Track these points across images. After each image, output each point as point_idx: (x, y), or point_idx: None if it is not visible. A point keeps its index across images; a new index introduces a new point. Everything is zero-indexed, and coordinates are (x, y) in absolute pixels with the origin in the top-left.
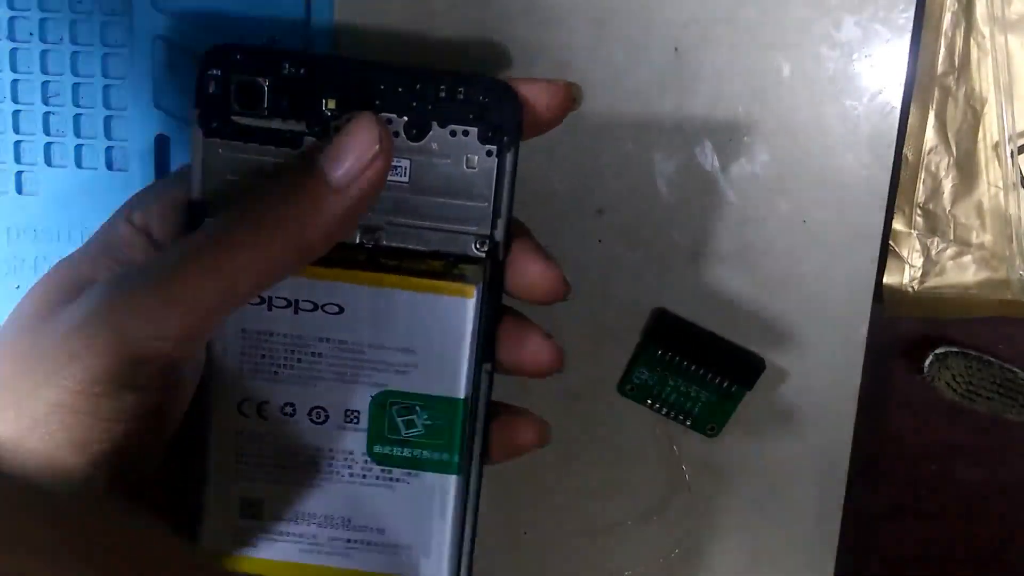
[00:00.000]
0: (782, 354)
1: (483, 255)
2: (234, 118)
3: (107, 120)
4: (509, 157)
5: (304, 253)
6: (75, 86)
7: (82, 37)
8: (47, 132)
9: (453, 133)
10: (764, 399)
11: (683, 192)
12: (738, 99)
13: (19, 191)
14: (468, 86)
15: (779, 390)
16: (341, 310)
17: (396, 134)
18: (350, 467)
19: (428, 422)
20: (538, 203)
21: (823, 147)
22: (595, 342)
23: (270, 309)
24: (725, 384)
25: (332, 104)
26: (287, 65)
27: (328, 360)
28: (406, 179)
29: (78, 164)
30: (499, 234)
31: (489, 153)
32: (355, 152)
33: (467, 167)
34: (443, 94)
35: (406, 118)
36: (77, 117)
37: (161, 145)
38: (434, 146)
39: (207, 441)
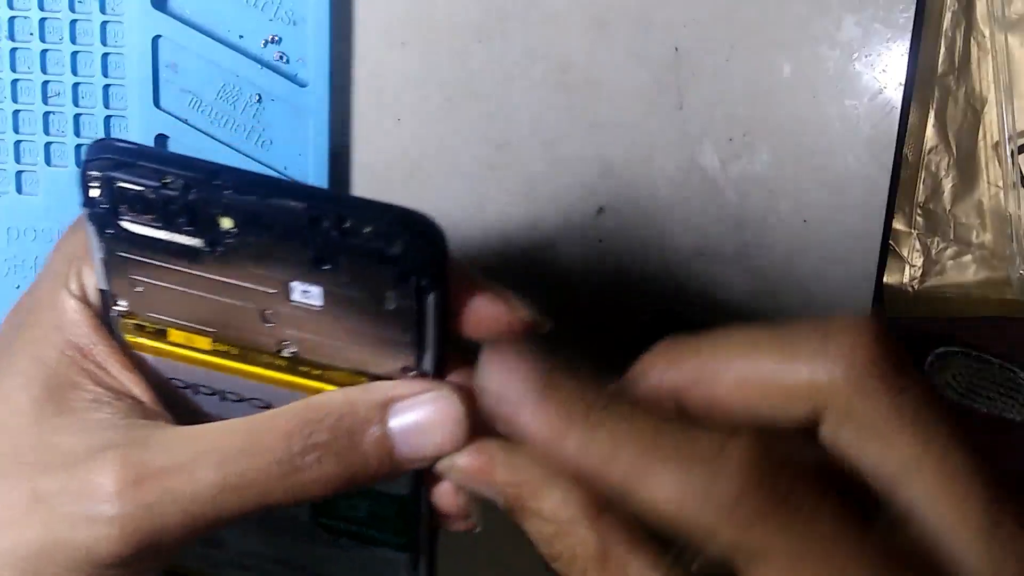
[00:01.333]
0: None
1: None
2: (122, 223)
3: (107, 120)
4: (430, 299)
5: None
6: (75, 86)
7: (82, 37)
8: (47, 132)
9: (364, 271)
10: None
11: (683, 192)
12: (738, 99)
13: (19, 191)
14: (378, 222)
15: None
16: (268, 406)
17: (300, 263)
18: (298, 529)
19: (372, 509)
20: (539, 202)
21: (823, 147)
22: (595, 342)
23: (195, 393)
24: None
25: (227, 223)
26: (171, 176)
27: None
28: (319, 303)
29: (78, 164)
30: (427, 366)
31: (405, 295)
32: (431, 445)
33: (385, 305)
34: (348, 229)
35: (309, 250)
36: (77, 117)
37: (161, 145)
38: (343, 279)
39: None
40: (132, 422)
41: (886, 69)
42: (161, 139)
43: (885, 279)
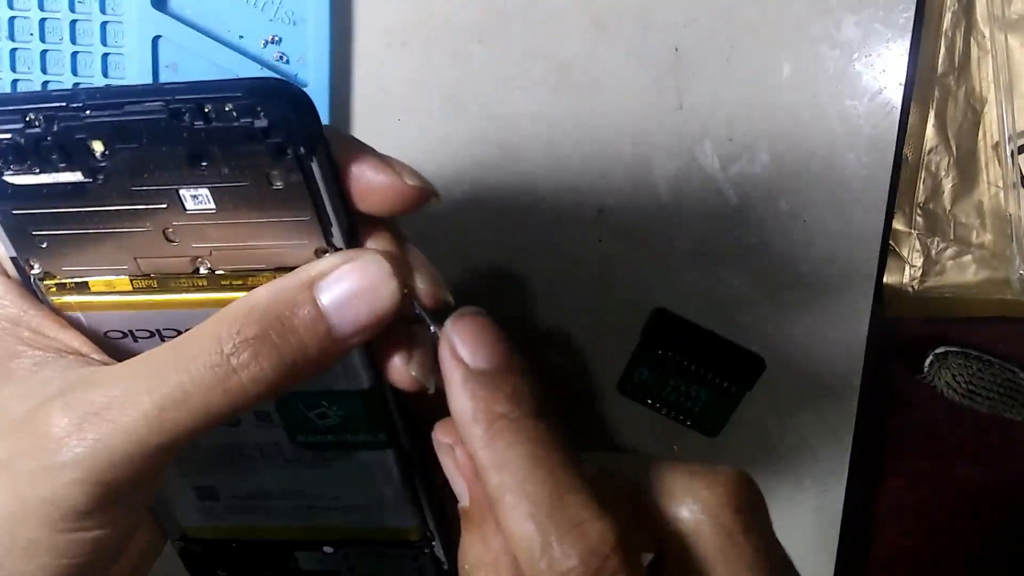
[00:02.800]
0: (782, 354)
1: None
2: (5, 178)
3: None
4: (315, 165)
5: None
6: (74, 86)
7: (82, 38)
8: None
9: (240, 155)
10: (764, 399)
11: (683, 192)
12: (738, 99)
13: None
14: (235, 99)
15: (779, 390)
16: None
17: (178, 166)
18: (282, 454)
19: (340, 412)
20: (538, 203)
21: (823, 147)
22: (595, 342)
23: (135, 341)
24: (725, 384)
25: (99, 147)
26: (31, 113)
27: None
28: (212, 206)
29: None
30: (339, 241)
31: (288, 169)
32: (367, 310)
33: (272, 185)
34: (212, 115)
35: (182, 148)
36: None
37: None
38: (225, 171)
39: None
40: (73, 372)
41: (886, 69)
42: None
43: (885, 279)
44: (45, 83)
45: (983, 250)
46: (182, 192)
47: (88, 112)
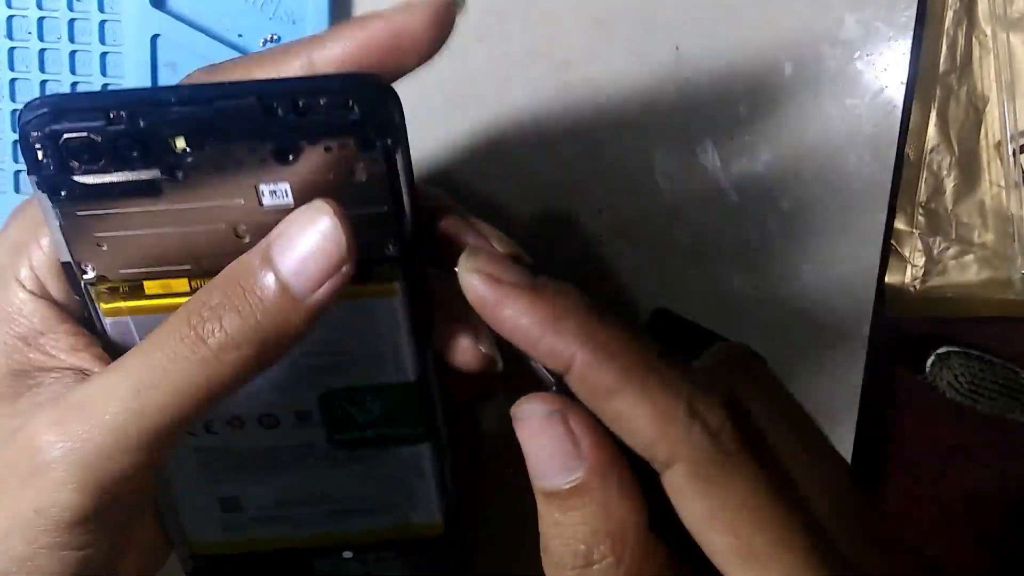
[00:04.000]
0: (783, 354)
1: (396, 255)
2: (76, 178)
3: None
4: (399, 157)
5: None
6: (73, 85)
7: (80, 36)
8: None
9: (328, 148)
10: None
11: (684, 191)
12: (739, 98)
13: (16, 191)
14: (329, 93)
15: None
16: None
17: (263, 160)
18: (314, 455)
19: (383, 407)
20: (539, 202)
21: (824, 146)
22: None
23: None
24: None
25: (181, 143)
26: (114, 111)
27: (263, 376)
28: (290, 201)
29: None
30: (408, 231)
31: (374, 160)
32: (318, 263)
33: (355, 178)
34: (303, 108)
35: (270, 144)
36: None
37: None
38: (310, 165)
39: (167, 463)
40: (64, 385)
41: (887, 68)
42: None
43: (887, 279)
44: (43, 82)
45: (985, 250)
46: (261, 187)
47: (176, 107)
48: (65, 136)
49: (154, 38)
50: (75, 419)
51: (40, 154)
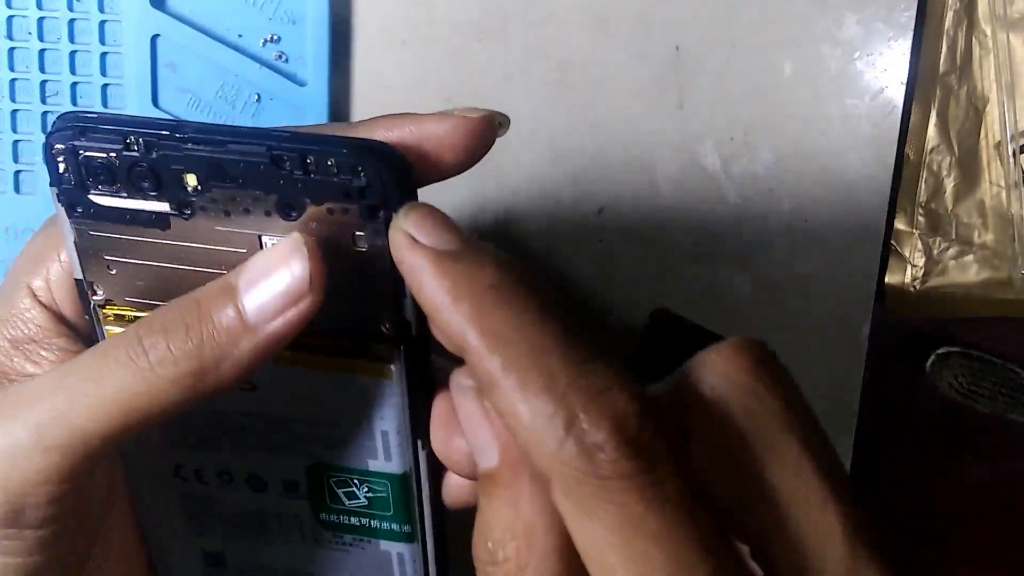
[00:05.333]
0: (783, 354)
1: (394, 336)
2: (92, 197)
3: None
4: None
5: (200, 391)
6: (73, 85)
7: (80, 37)
8: (45, 131)
9: (331, 211)
10: None
11: (684, 191)
12: (739, 98)
13: (17, 191)
14: (339, 156)
15: None
16: (253, 387)
17: (268, 213)
18: (301, 530)
19: (370, 495)
20: (539, 202)
21: (825, 146)
22: (594, 342)
23: None
24: None
25: (192, 180)
26: (132, 136)
27: (253, 433)
28: None
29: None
30: (408, 313)
31: (376, 231)
32: (276, 288)
33: (355, 246)
34: (312, 168)
35: (275, 196)
36: None
37: None
38: (312, 225)
39: (154, 502)
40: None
41: (888, 68)
42: None
43: (887, 279)
44: (43, 83)
45: (985, 250)
46: (264, 239)
47: (190, 144)
48: (85, 154)
49: (154, 38)
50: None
51: (62, 167)
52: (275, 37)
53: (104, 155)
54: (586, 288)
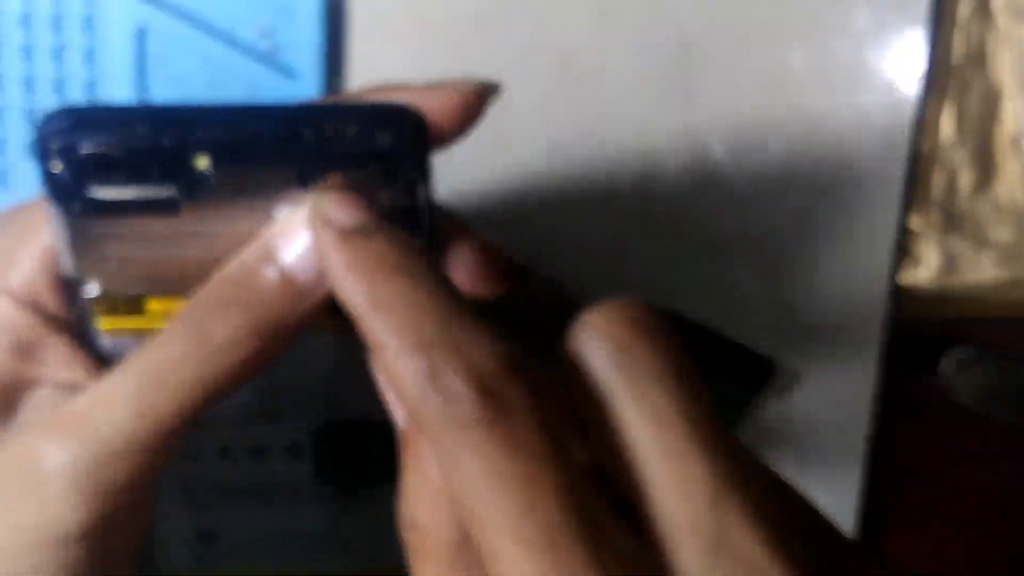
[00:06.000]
0: (794, 356)
1: None
2: (92, 192)
3: None
4: (421, 191)
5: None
6: (59, 80)
7: (66, 30)
8: (35, 127)
9: (351, 178)
10: (775, 401)
11: (691, 186)
12: (748, 91)
13: (3, 187)
14: (357, 121)
15: (790, 392)
16: None
17: (284, 186)
18: (301, 491)
19: (377, 449)
20: (540, 197)
21: (836, 141)
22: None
23: None
24: (734, 387)
25: (204, 162)
26: (138, 128)
27: (252, 404)
28: None
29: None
30: None
31: (396, 194)
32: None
33: (379, 208)
34: (329, 136)
35: (291, 168)
36: None
37: None
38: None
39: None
40: (58, 397)
41: (900, 61)
42: None
43: (899, 278)
44: (28, 77)
45: (1001, 248)
46: (278, 212)
47: (202, 126)
48: (85, 148)
49: (142, 29)
50: (76, 429)
51: (57, 165)
52: (267, 29)
53: (107, 147)
54: (590, 284)
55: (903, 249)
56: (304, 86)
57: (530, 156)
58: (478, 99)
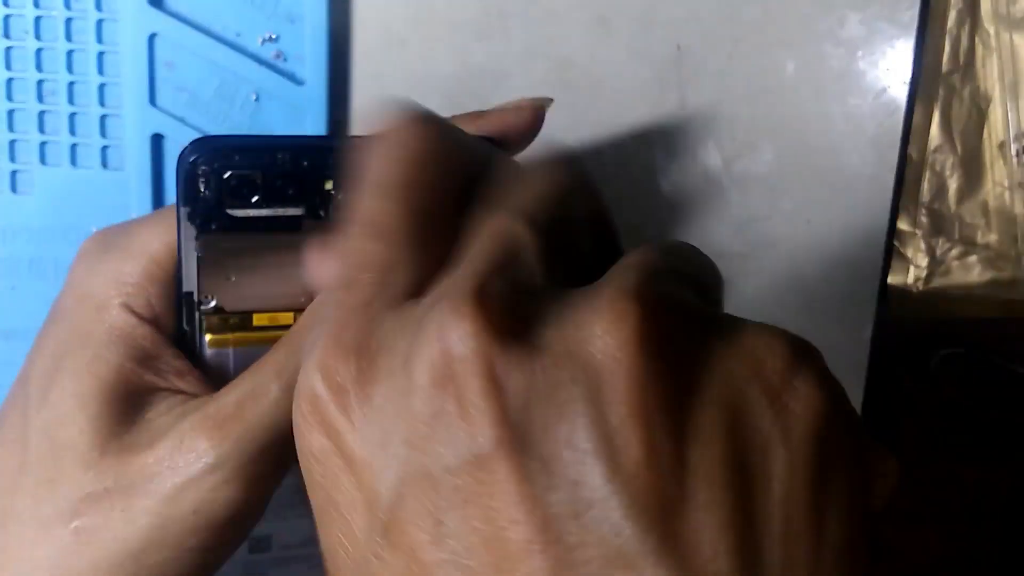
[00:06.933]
0: None
1: None
2: (227, 211)
3: (102, 119)
4: None
5: None
6: (70, 85)
7: (77, 36)
8: (42, 131)
9: None
10: None
11: (685, 191)
12: (741, 97)
13: (13, 191)
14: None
15: None
16: None
17: None
18: None
19: None
20: None
21: (827, 146)
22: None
23: None
24: None
25: (329, 185)
26: (280, 155)
27: None
28: None
29: (73, 163)
30: None
31: None
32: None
33: None
34: None
35: None
36: (72, 116)
37: (157, 144)
38: None
39: None
40: (179, 403)
41: (890, 67)
42: (157, 138)
43: (889, 279)
44: (39, 82)
45: (988, 250)
46: None
47: (328, 154)
48: (230, 173)
49: (151, 37)
50: (231, 424)
51: (201, 188)
52: (273, 36)
53: (251, 172)
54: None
55: (892, 251)
56: (310, 93)
57: (528, 157)
58: (539, 114)
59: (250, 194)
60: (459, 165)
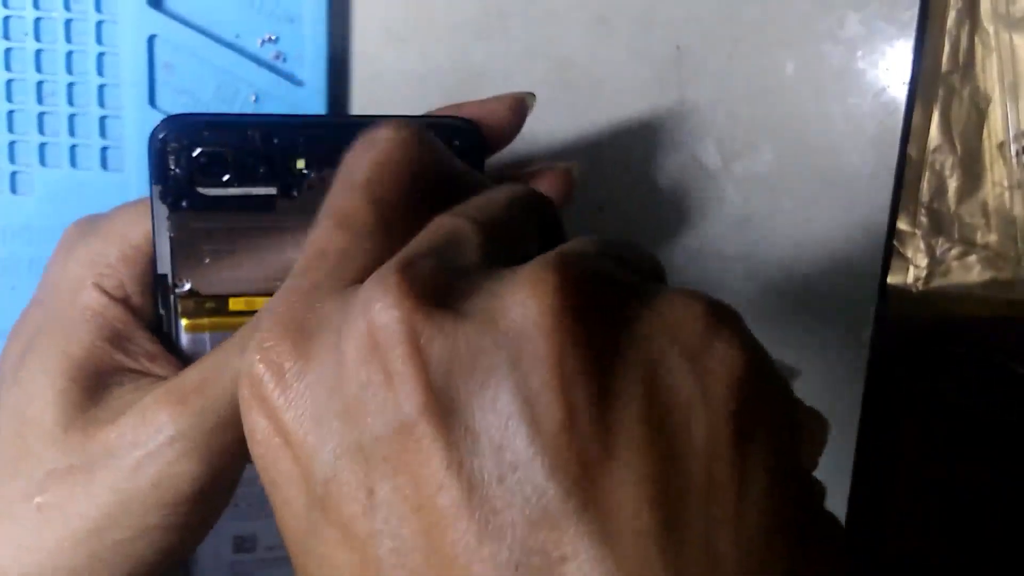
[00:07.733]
0: (785, 355)
1: None
2: (199, 190)
3: (102, 120)
4: None
5: None
6: (70, 86)
7: (77, 37)
8: (42, 132)
9: None
10: None
11: (685, 191)
12: (741, 97)
13: (13, 191)
14: (438, 132)
15: None
16: None
17: None
18: None
19: None
20: None
21: (827, 146)
22: None
23: None
24: None
25: (301, 164)
26: (250, 132)
27: None
28: None
29: (73, 165)
30: None
31: None
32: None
33: None
34: None
35: None
36: (72, 117)
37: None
38: None
39: None
40: (149, 383)
41: (890, 67)
42: None
43: (889, 279)
44: (39, 83)
45: (988, 250)
46: None
47: (301, 133)
48: (201, 150)
49: (151, 38)
50: (194, 399)
51: (171, 165)
52: (273, 37)
53: (219, 151)
54: None
55: (892, 251)
56: (310, 93)
57: (528, 157)
58: (520, 108)
59: (220, 172)
60: (432, 172)
